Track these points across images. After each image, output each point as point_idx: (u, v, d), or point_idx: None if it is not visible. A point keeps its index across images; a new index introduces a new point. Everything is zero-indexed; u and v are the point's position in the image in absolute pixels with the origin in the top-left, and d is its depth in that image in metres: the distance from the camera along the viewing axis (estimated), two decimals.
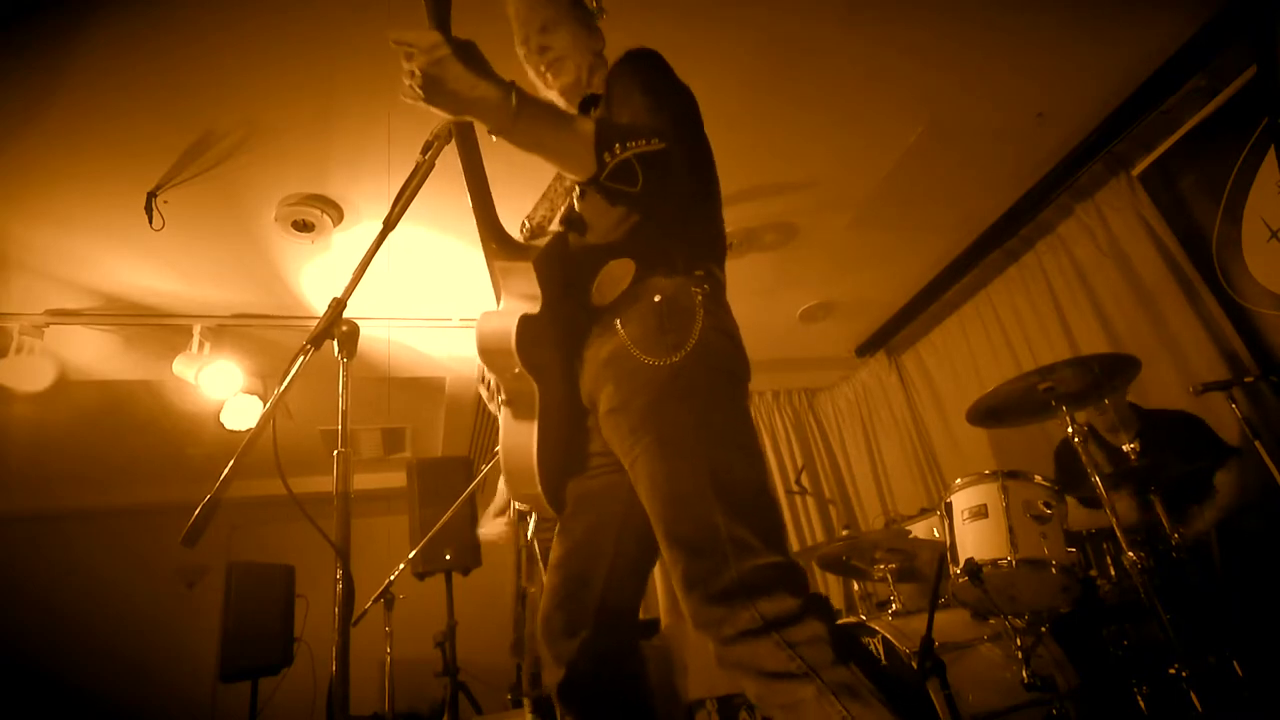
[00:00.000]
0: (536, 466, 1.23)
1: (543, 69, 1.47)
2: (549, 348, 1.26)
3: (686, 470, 1.12)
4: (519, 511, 2.24)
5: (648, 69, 1.35)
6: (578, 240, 1.35)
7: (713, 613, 1.06)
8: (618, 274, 1.26)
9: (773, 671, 1.02)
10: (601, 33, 1.53)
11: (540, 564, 2.12)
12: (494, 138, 1.13)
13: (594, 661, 1.26)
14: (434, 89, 1.05)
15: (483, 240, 1.29)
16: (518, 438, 1.26)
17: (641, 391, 1.17)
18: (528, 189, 1.58)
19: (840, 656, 1.02)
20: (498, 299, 1.30)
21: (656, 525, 1.14)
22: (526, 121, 1.10)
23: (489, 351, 1.22)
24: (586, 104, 1.46)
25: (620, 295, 1.25)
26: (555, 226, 1.40)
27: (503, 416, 1.29)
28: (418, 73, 1.04)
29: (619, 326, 1.22)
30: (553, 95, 1.50)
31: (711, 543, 1.08)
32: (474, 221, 1.28)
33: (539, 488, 1.25)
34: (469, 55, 1.06)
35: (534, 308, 1.24)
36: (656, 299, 1.21)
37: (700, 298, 1.22)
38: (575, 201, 1.38)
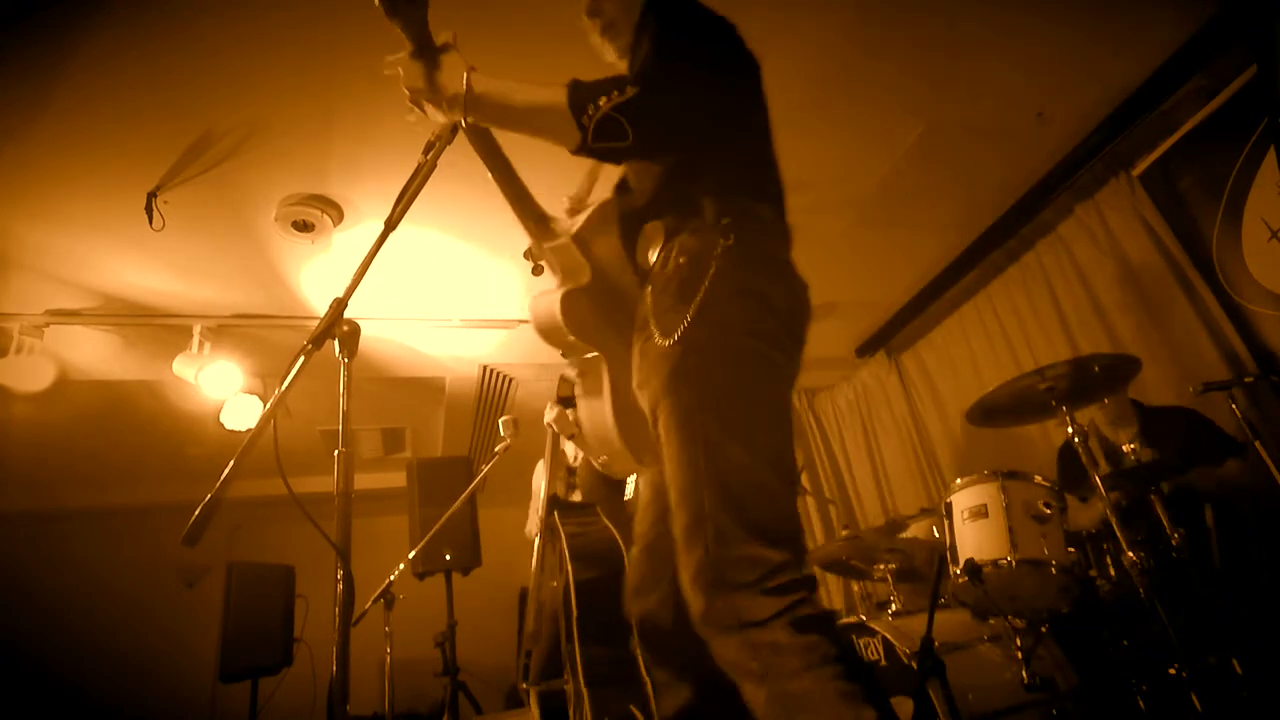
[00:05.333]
0: (614, 428, 1.23)
1: (600, 36, 1.44)
2: (605, 315, 1.26)
3: (686, 456, 1.10)
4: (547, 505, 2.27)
5: (664, 16, 1.27)
6: (625, 204, 1.34)
7: (691, 597, 1.06)
8: (652, 236, 1.23)
9: (733, 662, 1.02)
10: None
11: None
12: (468, 121, 1.13)
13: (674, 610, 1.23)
14: (412, 94, 1.10)
15: (523, 226, 1.29)
16: (592, 409, 1.26)
17: (655, 373, 1.16)
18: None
19: (805, 667, 0.97)
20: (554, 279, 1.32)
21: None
22: (488, 100, 1.10)
23: (543, 330, 1.25)
24: None
25: (654, 259, 1.22)
26: (603, 195, 1.39)
27: (578, 392, 1.30)
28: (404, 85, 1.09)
29: (648, 295, 1.21)
30: (617, 64, 1.45)
31: (698, 528, 1.06)
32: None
33: (619, 444, 1.24)
34: (427, 54, 1.09)
35: (582, 280, 1.24)
36: (681, 261, 1.17)
37: (719, 250, 1.14)
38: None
